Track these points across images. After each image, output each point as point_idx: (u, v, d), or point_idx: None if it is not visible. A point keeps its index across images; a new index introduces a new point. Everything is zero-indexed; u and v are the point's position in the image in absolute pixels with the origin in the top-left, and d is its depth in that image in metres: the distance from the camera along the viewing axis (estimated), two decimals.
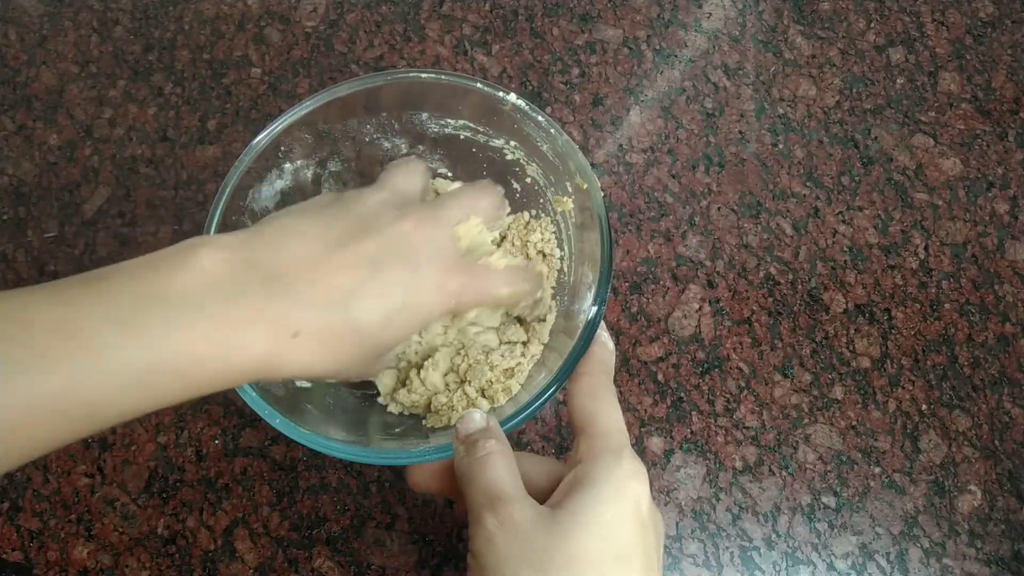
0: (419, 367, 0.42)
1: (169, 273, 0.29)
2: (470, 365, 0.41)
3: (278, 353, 0.31)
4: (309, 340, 0.32)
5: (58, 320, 0.27)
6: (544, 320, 0.44)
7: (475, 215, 0.39)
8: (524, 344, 0.43)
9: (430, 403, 0.42)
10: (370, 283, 0.33)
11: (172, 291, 0.29)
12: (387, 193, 0.38)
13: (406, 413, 0.43)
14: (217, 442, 0.47)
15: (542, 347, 0.43)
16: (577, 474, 0.32)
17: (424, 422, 0.41)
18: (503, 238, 0.46)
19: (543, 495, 0.33)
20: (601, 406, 0.34)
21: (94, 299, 0.28)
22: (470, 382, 0.41)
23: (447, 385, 0.42)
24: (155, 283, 0.29)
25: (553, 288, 0.45)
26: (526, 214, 0.46)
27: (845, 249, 0.54)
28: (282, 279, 0.32)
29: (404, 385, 0.43)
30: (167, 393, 0.29)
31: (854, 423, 0.49)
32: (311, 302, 0.32)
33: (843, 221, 0.55)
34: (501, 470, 0.31)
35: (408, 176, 0.40)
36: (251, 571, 0.45)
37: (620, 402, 0.49)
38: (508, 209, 0.45)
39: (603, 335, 0.37)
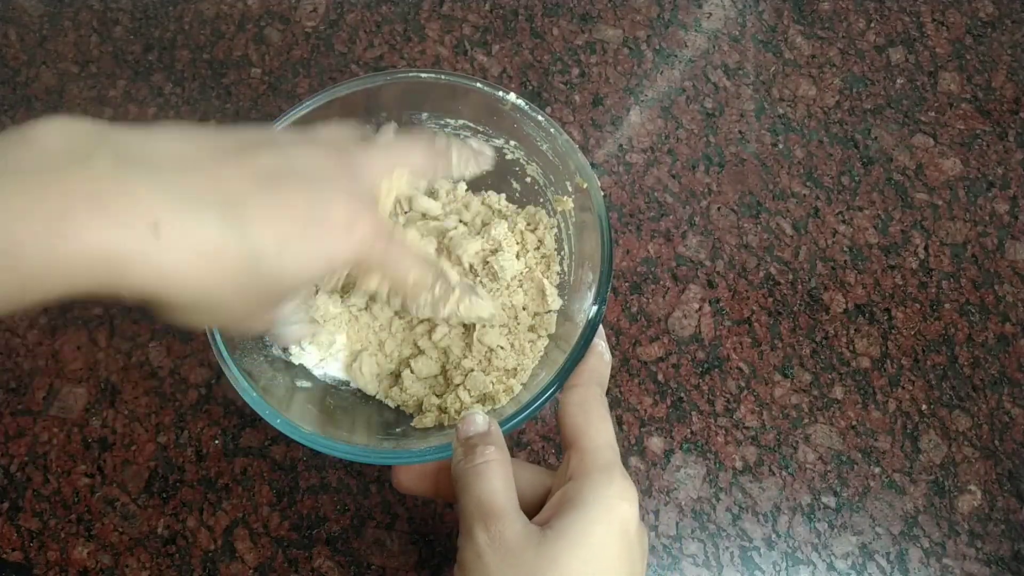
0: (410, 366, 0.42)
1: (5, 145, 0.24)
2: (467, 373, 0.41)
3: (130, 247, 0.23)
4: (174, 239, 0.24)
5: None
6: (455, 324, 0.42)
7: (400, 165, 0.34)
8: (530, 343, 0.43)
9: (422, 403, 0.42)
10: (262, 194, 0.27)
11: None
12: (302, 134, 0.33)
13: (402, 410, 0.43)
14: (217, 442, 0.47)
15: (545, 344, 0.43)
16: (567, 492, 0.32)
17: (411, 423, 0.42)
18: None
19: (531, 506, 0.33)
20: (593, 421, 0.34)
21: None
22: (468, 389, 0.41)
23: (432, 388, 0.42)
24: None
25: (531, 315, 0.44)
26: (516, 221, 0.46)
27: (845, 249, 0.54)
28: (144, 162, 0.25)
29: (397, 383, 0.43)
30: None
31: (854, 423, 0.49)
32: (181, 191, 0.25)
33: (843, 221, 0.55)
34: (497, 481, 0.31)
35: (334, 126, 0.35)
36: (251, 571, 0.45)
37: (620, 402, 0.49)
38: (450, 164, 0.37)
39: (601, 345, 0.37)
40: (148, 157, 0.25)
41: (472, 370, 0.41)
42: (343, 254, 0.30)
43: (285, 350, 0.43)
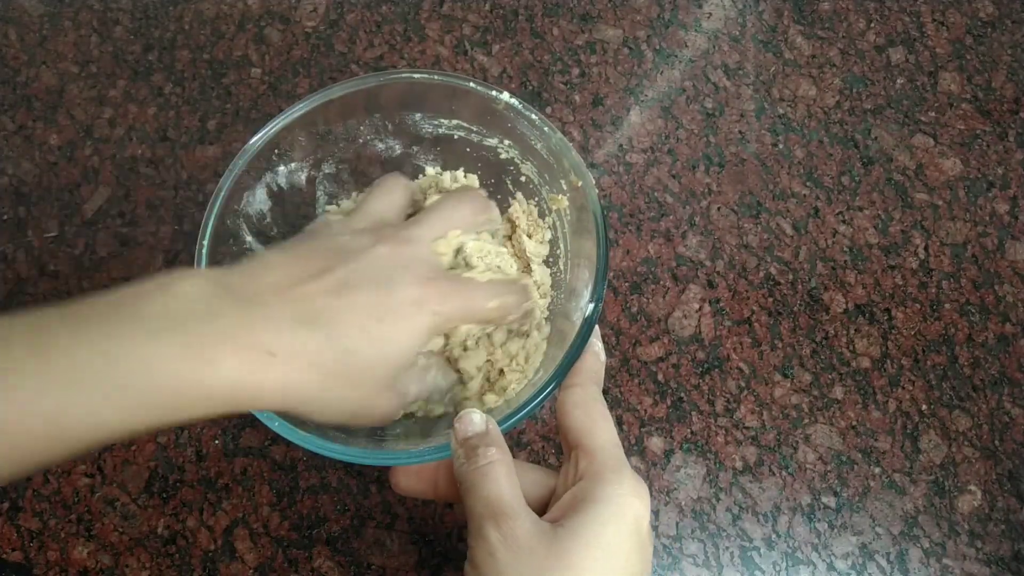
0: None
1: (147, 298, 0.30)
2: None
3: (255, 374, 0.30)
4: (289, 360, 0.31)
5: (32, 339, 0.27)
6: (538, 328, 0.43)
7: (453, 228, 0.40)
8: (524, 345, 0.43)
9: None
10: (340, 302, 0.33)
11: (146, 312, 0.29)
12: (365, 221, 0.39)
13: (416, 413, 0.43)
14: (217, 442, 0.47)
15: (543, 345, 0.43)
16: (578, 492, 0.32)
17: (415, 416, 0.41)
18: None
19: (533, 504, 0.33)
20: (596, 420, 0.34)
21: (70, 321, 0.28)
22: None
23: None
24: (131, 306, 0.29)
25: (548, 295, 0.44)
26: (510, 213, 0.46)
27: (845, 249, 0.54)
28: (255, 302, 0.32)
29: None
30: (139, 414, 0.28)
31: (854, 423, 0.49)
32: (283, 322, 0.32)
33: (843, 221, 0.55)
34: (503, 480, 0.31)
35: (385, 197, 0.41)
36: (251, 571, 0.45)
37: (620, 402, 0.49)
38: (493, 211, 0.43)
39: (597, 344, 0.37)
40: (258, 296, 0.32)
41: (474, 377, 0.41)
42: (422, 328, 0.35)
43: None
